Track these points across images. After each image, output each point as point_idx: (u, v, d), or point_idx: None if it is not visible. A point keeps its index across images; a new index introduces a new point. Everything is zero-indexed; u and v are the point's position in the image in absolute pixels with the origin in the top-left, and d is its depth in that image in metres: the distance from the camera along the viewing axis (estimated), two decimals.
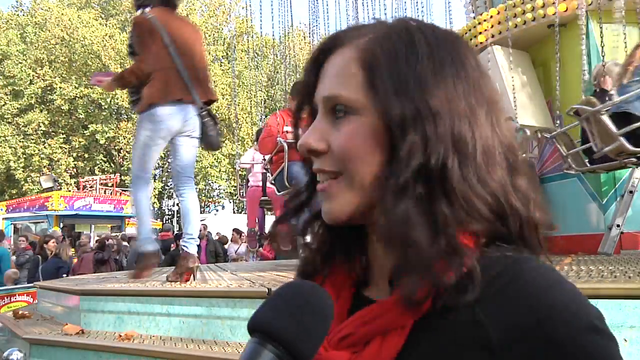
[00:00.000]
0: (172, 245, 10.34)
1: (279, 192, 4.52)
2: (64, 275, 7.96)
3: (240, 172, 6.04)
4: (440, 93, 0.56)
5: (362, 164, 0.57)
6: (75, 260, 9.65)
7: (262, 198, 5.29)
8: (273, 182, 4.58)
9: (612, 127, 3.54)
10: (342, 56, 0.60)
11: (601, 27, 4.28)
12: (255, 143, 5.76)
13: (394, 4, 8.08)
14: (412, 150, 0.54)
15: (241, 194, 5.74)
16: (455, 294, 0.52)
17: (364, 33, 0.61)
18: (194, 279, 3.65)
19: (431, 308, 0.53)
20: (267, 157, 4.70)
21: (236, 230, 11.42)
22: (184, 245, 3.60)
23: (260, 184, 5.32)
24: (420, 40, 0.58)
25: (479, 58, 0.62)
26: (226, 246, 11.23)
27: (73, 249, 11.56)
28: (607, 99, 3.75)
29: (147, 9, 3.60)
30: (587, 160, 4.09)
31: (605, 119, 3.58)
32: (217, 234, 12.73)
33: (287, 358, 0.48)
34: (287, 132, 4.28)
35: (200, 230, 10.72)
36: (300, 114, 0.67)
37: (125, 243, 11.23)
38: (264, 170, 5.30)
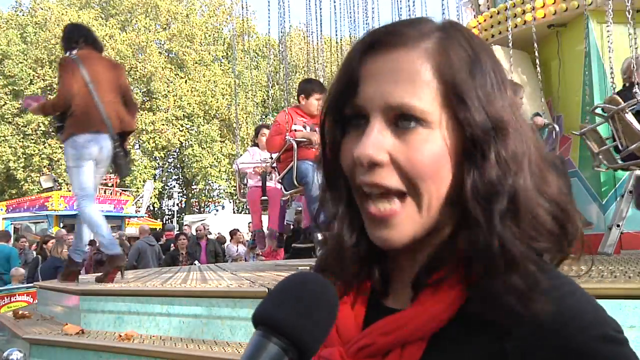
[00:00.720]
0: (172, 245, 10.34)
1: (286, 191, 4.44)
2: None
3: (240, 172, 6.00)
4: (504, 107, 0.54)
5: (433, 182, 0.53)
6: None
7: (262, 198, 5.24)
8: (280, 181, 4.51)
9: (636, 124, 3.52)
10: (406, 59, 0.54)
11: (601, 27, 4.28)
12: (261, 142, 5.73)
13: (392, 4, 8.06)
14: (500, 167, 0.53)
15: (242, 193, 5.68)
16: (472, 308, 0.52)
17: (423, 34, 0.56)
18: (122, 277, 4.09)
19: (449, 319, 0.53)
20: (274, 155, 4.63)
21: (232, 232, 11.40)
22: (107, 250, 4.01)
23: (260, 184, 5.28)
24: (482, 51, 0.56)
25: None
26: (224, 246, 11.22)
27: None
28: (633, 95, 3.73)
29: (75, 51, 4.02)
30: (618, 157, 4.03)
31: (630, 117, 3.56)
32: (217, 233, 12.73)
33: (293, 350, 0.47)
34: (295, 130, 4.23)
35: (200, 230, 10.71)
36: (331, 117, 0.61)
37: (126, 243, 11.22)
38: (264, 170, 5.27)
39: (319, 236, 0.68)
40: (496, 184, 0.52)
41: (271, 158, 4.98)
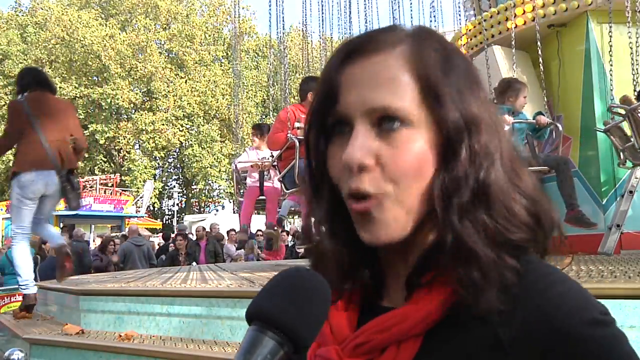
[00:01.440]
0: (171, 246, 10.33)
1: (287, 189, 4.40)
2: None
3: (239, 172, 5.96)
4: (480, 109, 0.56)
5: (416, 180, 0.55)
6: None
7: (260, 197, 5.21)
8: (281, 179, 4.45)
9: None
10: (384, 63, 0.56)
11: (601, 27, 4.28)
12: (255, 142, 5.67)
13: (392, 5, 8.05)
14: (468, 163, 0.54)
15: (240, 192, 5.65)
16: (464, 303, 0.53)
17: (398, 39, 0.58)
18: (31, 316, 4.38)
19: (442, 315, 0.54)
20: (275, 153, 4.57)
21: (229, 231, 11.40)
22: (21, 288, 4.31)
23: (258, 183, 5.22)
24: (453, 51, 0.59)
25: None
26: (222, 243, 11.21)
27: None
28: None
29: (26, 93, 4.24)
30: None
31: None
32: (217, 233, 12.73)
33: (288, 344, 0.48)
34: (298, 128, 4.17)
35: (200, 231, 10.72)
36: (315, 128, 0.61)
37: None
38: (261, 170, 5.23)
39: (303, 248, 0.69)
40: (462, 179, 0.54)
41: (272, 156, 4.93)
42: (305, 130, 0.63)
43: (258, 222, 8.84)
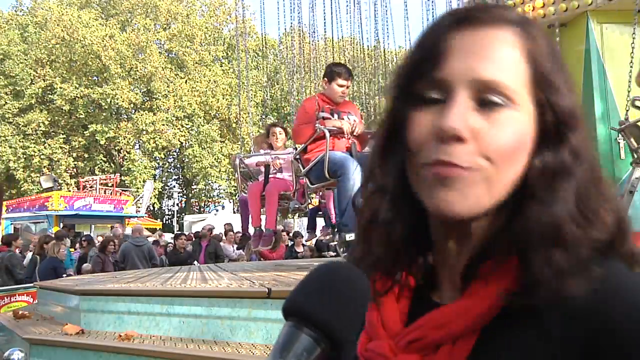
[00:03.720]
0: (170, 245, 10.35)
1: (312, 184, 4.14)
2: (64, 275, 7.95)
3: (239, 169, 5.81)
4: (574, 98, 0.56)
5: (511, 162, 0.53)
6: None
7: (263, 194, 4.99)
8: (306, 173, 4.14)
9: None
10: (497, 37, 0.54)
11: (601, 27, 4.27)
12: (267, 141, 5.39)
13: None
14: (575, 153, 0.54)
15: (243, 189, 5.35)
16: (521, 299, 0.51)
17: (511, 18, 0.56)
18: None
19: (499, 313, 0.52)
20: (299, 146, 4.28)
21: (226, 231, 11.36)
22: None
23: (262, 178, 5.01)
24: (557, 48, 0.58)
25: None
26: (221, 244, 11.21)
27: (72, 249, 11.54)
28: None
29: None
30: None
31: None
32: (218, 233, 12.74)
33: (325, 341, 0.47)
34: (324, 118, 3.95)
35: (203, 231, 10.74)
36: (400, 90, 0.58)
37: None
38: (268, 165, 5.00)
39: (347, 236, 0.67)
40: (569, 165, 0.53)
41: (295, 148, 4.60)
42: (390, 91, 0.60)
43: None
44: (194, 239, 10.73)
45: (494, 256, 0.54)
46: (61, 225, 16.10)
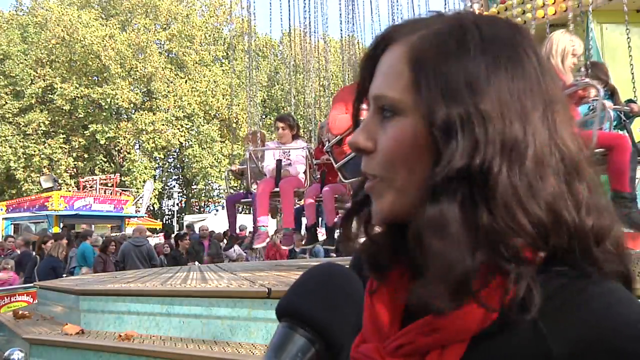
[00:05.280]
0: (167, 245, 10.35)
1: (347, 179, 4.00)
2: (64, 275, 7.96)
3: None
4: (492, 94, 0.52)
5: (403, 169, 0.55)
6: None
7: (275, 190, 4.76)
8: (340, 167, 3.96)
9: None
10: (393, 53, 0.58)
11: (601, 27, 4.27)
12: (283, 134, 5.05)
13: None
14: (454, 153, 0.51)
15: (253, 186, 5.03)
16: (514, 311, 0.50)
17: (418, 28, 0.57)
18: None
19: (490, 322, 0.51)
20: (332, 139, 4.07)
21: (225, 232, 11.36)
22: None
23: (274, 174, 4.75)
24: (475, 35, 0.54)
25: (541, 53, 0.57)
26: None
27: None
28: None
29: None
30: None
31: None
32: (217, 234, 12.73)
33: (319, 342, 0.46)
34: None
35: (205, 230, 10.75)
36: (357, 111, 0.66)
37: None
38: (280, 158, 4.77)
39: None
40: (452, 171, 0.51)
41: (328, 140, 4.38)
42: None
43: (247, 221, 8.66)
44: (193, 238, 10.73)
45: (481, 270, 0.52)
46: (61, 225, 16.12)
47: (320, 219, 5.77)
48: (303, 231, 5.60)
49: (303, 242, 5.44)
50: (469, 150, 0.51)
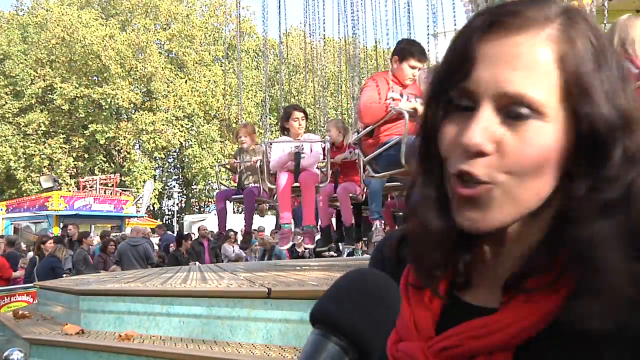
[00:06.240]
0: (172, 245, 10.34)
1: (377, 172, 3.71)
2: (64, 275, 7.95)
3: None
4: (628, 102, 0.51)
5: (535, 176, 0.51)
6: None
7: (294, 184, 4.45)
8: (371, 160, 3.70)
9: None
10: (528, 44, 0.51)
11: (601, 28, 4.25)
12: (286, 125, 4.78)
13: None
14: (624, 162, 0.50)
15: (269, 179, 4.65)
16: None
17: (547, 18, 0.52)
18: None
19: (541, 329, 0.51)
20: (361, 129, 3.83)
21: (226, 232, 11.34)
22: None
23: (291, 168, 4.46)
24: (606, 43, 0.53)
25: None
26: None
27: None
28: None
29: None
30: None
31: None
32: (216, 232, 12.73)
33: (353, 350, 0.46)
34: (393, 99, 3.57)
35: (204, 230, 10.73)
36: (436, 97, 0.57)
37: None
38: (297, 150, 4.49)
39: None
40: (613, 179, 0.50)
41: (357, 132, 4.10)
42: (426, 99, 0.59)
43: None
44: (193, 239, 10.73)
45: (540, 273, 0.52)
46: (61, 225, 16.11)
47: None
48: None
49: (317, 244, 5.11)
50: (629, 160, 0.50)
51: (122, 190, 22.24)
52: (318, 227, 4.89)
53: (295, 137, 4.69)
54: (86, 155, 27.52)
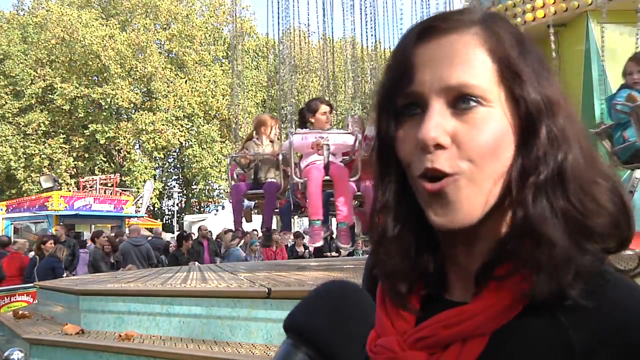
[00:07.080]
0: (172, 245, 10.34)
1: None
2: (64, 275, 7.95)
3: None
4: (551, 89, 0.56)
5: (493, 160, 0.54)
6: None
7: (325, 178, 4.24)
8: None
9: None
10: (460, 42, 0.55)
11: (601, 27, 4.27)
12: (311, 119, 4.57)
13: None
14: (547, 144, 0.54)
15: (296, 173, 4.35)
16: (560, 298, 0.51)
17: (472, 20, 0.57)
18: None
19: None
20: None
21: (226, 232, 11.35)
22: None
23: (322, 161, 4.25)
24: (525, 37, 0.58)
25: None
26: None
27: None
28: None
29: None
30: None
31: None
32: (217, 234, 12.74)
33: None
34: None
35: (204, 230, 10.74)
36: (384, 109, 0.60)
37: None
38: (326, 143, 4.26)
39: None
40: (540, 159, 0.54)
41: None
42: (376, 113, 0.62)
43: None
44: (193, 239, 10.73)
45: (508, 260, 0.53)
46: (61, 225, 16.11)
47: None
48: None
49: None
50: (554, 141, 0.54)
51: (122, 190, 22.23)
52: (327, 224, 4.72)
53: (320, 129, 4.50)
54: (86, 155, 27.52)
